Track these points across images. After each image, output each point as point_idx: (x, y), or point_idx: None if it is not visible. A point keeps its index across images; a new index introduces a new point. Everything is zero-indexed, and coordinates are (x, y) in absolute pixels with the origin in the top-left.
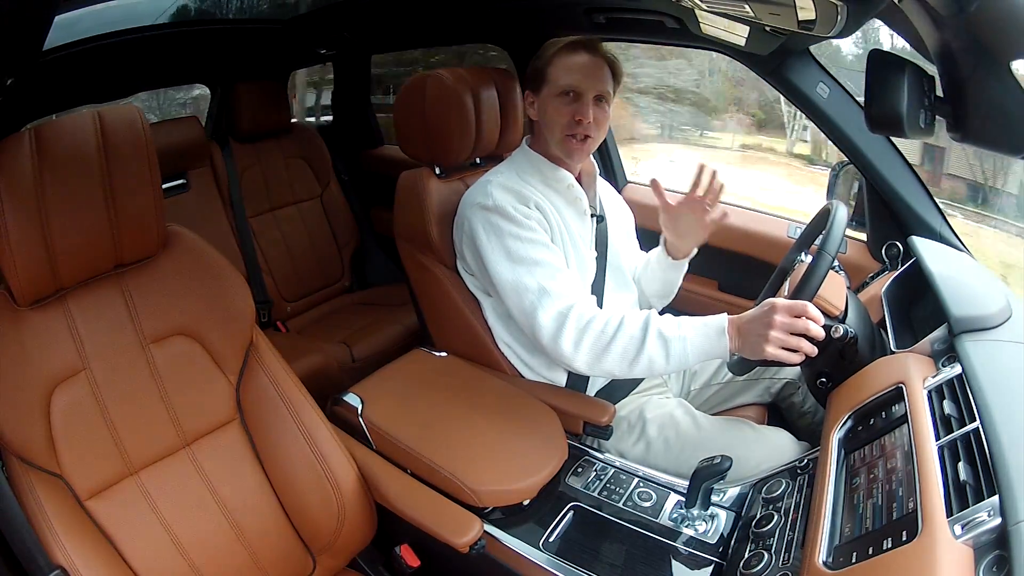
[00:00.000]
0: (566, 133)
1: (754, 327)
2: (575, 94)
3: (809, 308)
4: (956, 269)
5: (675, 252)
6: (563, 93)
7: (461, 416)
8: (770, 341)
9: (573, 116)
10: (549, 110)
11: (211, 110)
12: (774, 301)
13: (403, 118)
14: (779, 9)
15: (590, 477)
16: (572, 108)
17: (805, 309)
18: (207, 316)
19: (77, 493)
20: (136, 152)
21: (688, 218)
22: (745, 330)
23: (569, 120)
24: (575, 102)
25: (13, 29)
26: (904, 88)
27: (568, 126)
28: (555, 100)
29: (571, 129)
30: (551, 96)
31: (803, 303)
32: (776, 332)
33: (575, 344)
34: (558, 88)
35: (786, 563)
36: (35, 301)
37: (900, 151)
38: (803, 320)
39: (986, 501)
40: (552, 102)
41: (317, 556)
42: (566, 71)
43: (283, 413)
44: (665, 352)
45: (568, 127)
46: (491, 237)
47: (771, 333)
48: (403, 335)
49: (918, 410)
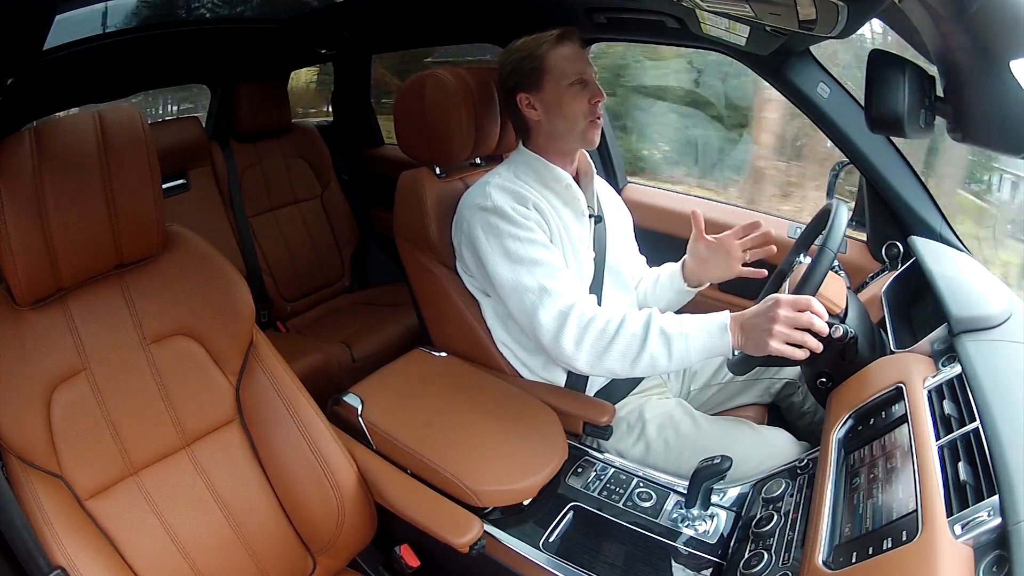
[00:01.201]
0: (588, 119)
1: (758, 322)
2: (584, 81)
3: (813, 303)
4: (956, 269)
5: (691, 278)
6: (574, 83)
7: (461, 416)
8: (775, 336)
9: (590, 100)
10: (565, 100)
11: (211, 110)
12: (777, 296)
13: (403, 118)
14: (779, 9)
15: (590, 477)
16: (586, 92)
17: (809, 304)
18: (207, 316)
19: (77, 493)
20: (136, 152)
21: (719, 255)
22: (748, 326)
23: (587, 106)
24: (586, 87)
25: (13, 29)
26: (904, 88)
27: (589, 112)
28: (568, 91)
29: (592, 114)
30: (562, 89)
31: (807, 297)
32: (781, 327)
33: (576, 343)
34: (568, 80)
35: (786, 563)
36: (35, 301)
37: (900, 151)
38: (807, 315)
39: (986, 501)
40: (567, 91)
41: (317, 556)
42: (569, 62)
43: (283, 413)
44: (667, 350)
45: (589, 112)
46: (490, 238)
47: (775, 328)
48: (403, 335)
49: (918, 410)
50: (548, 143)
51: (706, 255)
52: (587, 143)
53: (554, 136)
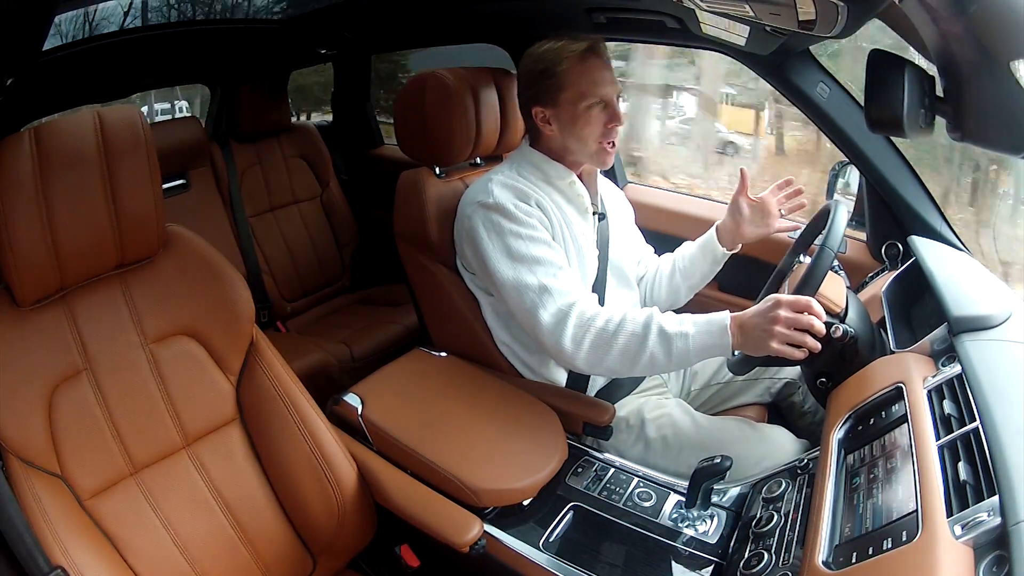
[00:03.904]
0: (601, 141)
1: (758, 323)
2: (604, 103)
3: (813, 304)
4: (956, 269)
5: (727, 239)
6: (592, 105)
7: (461, 416)
8: (774, 336)
9: (606, 124)
10: (580, 123)
11: (211, 110)
12: (778, 297)
13: (403, 118)
14: (779, 9)
15: (590, 477)
16: (604, 115)
17: (809, 304)
18: (207, 316)
19: (78, 493)
20: (136, 152)
21: (758, 212)
22: (748, 326)
23: (603, 128)
24: (605, 109)
25: (13, 29)
26: (904, 88)
27: (604, 134)
28: (585, 114)
29: (608, 137)
30: (579, 110)
31: (807, 298)
32: (780, 327)
33: (576, 342)
34: (587, 102)
35: (786, 563)
36: (36, 301)
37: (900, 151)
38: (807, 316)
39: (986, 501)
40: (582, 116)
41: (317, 556)
42: (591, 82)
43: (283, 413)
44: (667, 350)
45: (604, 135)
46: (492, 235)
47: (775, 328)
48: (403, 335)
49: (918, 410)
50: (557, 152)
51: (748, 213)
52: (598, 164)
53: (567, 150)
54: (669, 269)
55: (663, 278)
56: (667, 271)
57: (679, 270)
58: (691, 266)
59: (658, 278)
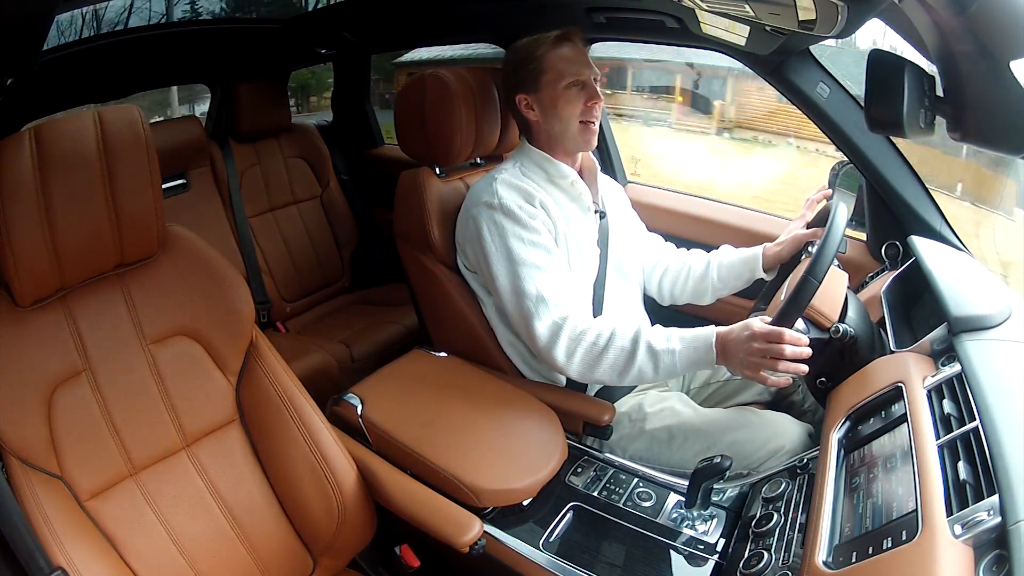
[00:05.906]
0: (581, 120)
1: (734, 349)
2: (581, 83)
3: (786, 335)
4: (956, 269)
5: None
6: (570, 85)
7: (461, 416)
8: (747, 366)
9: (586, 102)
10: (559, 104)
11: (211, 110)
12: (752, 326)
13: (403, 118)
14: (779, 9)
15: (590, 477)
16: (583, 95)
17: (781, 336)
18: (207, 316)
19: (77, 494)
20: (136, 152)
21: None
22: (728, 350)
23: (583, 108)
24: (583, 89)
25: (13, 29)
26: (904, 88)
27: (583, 113)
28: (564, 93)
29: (586, 116)
30: (558, 91)
31: (779, 331)
32: (754, 358)
33: (568, 355)
34: (565, 81)
35: (786, 563)
36: (35, 302)
37: (900, 151)
38: (779, 346)
39: (986, 500)
40: (562, 96)
41: (317, 556)
42: (566, 63)
43: (283, 413)
44: (654, 364)
45: (583, 114)
46: (494, 236)
47: (748, 359)
48: (403, 335)
49: (918, 409)
50: (548, 142)
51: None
52: (582, 145)
53: (552, 136)
54: (702, 270)
55: (694, 277)
56: (699, 271)
57: (716, 277)
58: (729, 277)
59: (686, 274)
